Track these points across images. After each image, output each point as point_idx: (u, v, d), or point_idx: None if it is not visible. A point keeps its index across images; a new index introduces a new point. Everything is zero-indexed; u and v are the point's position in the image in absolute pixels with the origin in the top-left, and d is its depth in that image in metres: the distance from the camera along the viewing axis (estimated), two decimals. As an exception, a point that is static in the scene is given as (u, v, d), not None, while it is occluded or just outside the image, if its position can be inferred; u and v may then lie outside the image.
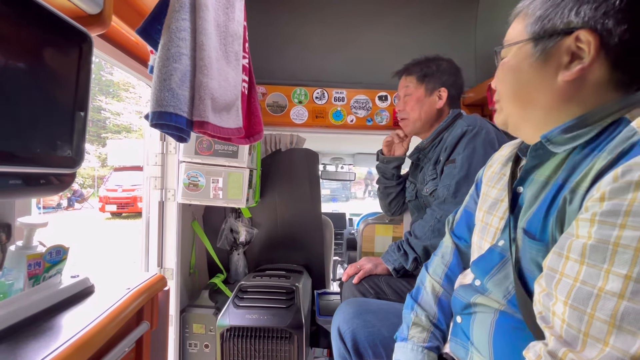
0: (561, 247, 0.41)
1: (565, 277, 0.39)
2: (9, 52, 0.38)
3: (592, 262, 0.37)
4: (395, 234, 1.78)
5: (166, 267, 1.24)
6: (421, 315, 0.67)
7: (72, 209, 10.73)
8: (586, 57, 0.45)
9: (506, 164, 0.63)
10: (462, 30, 1.58)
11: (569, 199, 0.43)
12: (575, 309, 0.37)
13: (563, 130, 0.47)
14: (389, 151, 1.37)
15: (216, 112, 0.70)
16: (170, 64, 0.61)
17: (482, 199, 0.65)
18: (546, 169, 0.50)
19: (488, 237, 0.58)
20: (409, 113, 1.21)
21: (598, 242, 0.36)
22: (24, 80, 0.40)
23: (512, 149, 0.65)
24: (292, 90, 1.51)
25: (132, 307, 0.55)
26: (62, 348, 0.40)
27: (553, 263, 0.41)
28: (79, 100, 0.48)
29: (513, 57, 0.52)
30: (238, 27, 0.78)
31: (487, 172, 0.68)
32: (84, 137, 0.50)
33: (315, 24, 1.56)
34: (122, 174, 9.78)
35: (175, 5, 0.63)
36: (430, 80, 1.18)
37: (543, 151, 0.49)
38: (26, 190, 0.41)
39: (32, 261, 0.47)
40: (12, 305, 0.42)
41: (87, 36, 0.49)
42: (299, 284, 1.26)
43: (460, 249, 0.72)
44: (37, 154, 0.42)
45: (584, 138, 0.45)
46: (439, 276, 0.71)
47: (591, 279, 0.36)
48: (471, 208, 0.72)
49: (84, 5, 0.55)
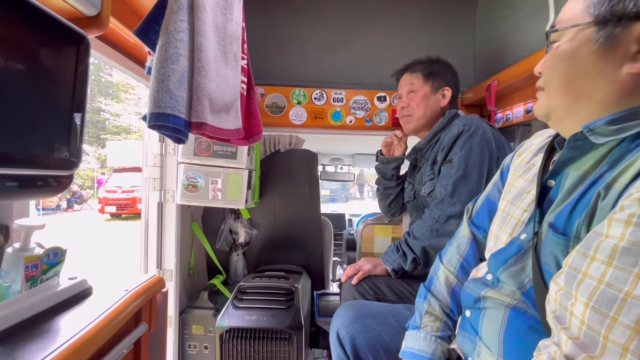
0: (587, 247, 0.39)
1: (588, 277, 0.37)
2: (5, 53, 0.38)
3: (621, 265, 0.35)
4: (394, 235, 1.78)
5: (165, 269, 1.24)
6: (434, 305, 0.66)
7: (71, 210, 10.72)
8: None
9: (537, 154, 0.59)
10: (460, 31, 1.59)
11: (603, 194, 0.41)
12: (596, 311, 0.35)
13: (609, 122, 0.43)
14: (388, 152, 1.37)
15: (214, 114, 0.70)
16: (168, 65, 0.61)
17: (507, 188, 0.62)
18: (584, 163, 0.46)
19: (508, 227, 0.56)
20: (414, 109, 1.20)
21: (632, 245, 0.35)
22: (21, 82, 0.40)
23: (545, 137, 0.61)
24: (291, 91, 1.51)
25: (130, 308, 0.55)
26: (59, 350, 0.40)
27: (576, 262, 0.39)
28: (76, 102, 0.48)
29: (569, 41, 0.46)
30: (236, 28, 0.78)
31: (516, 160, 0.64)
32: (82, 138, 0.50)
33: (314, 25, 1.56)
34: (121, 175, 9.77)
35: (173, 7, 0.63)
36: (435, 79, 1.19)
37: (583, 142, 0.45)
38: (23, 193, 0.41)
39: (29, 263, 0.47)
40: (9, 307, 0.42)
41: (84, 38, 0.49)
42: (299, 284, 1.26)
43: (477, 239, 0.69)
44: (34, 156, 0.42)
45: (631, 131, 0.42)
46: (453, 266, 0.69)
47: (618, 282, 0.35)
48: (494, 197, 0.68)
49: (81, 7, 0.55)
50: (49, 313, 0.47)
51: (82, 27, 0.55)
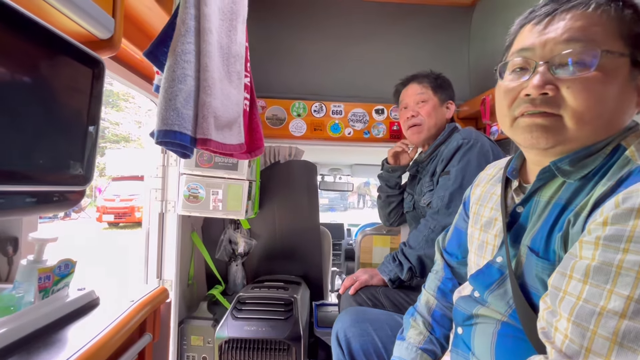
0: (565, 267, 0.42)
1: (568, 295, 0.40)
2: (31, 79, 0.41)
3: (595, 282, 0.38)
4: (392, 245, 1.80)
5: (165, 279, 1.25)
6: (419, 321, 0.72)
7: (68, 218, 10.64)
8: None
9: (495, 184, 0.65)
10: (456, 46, 1.64)
11: (572, 221, 0.45)
12: (578, 325, 0.38)
13: (572, 161, 0.47)
14: (396, 161, 1.38)
15: (219, 130, 0.73)
16: (175, 85, 0.64)
17: (473, 218, 0.67)
18: (549, 190, 0.51)
19: (486, 254, 0.60)
20: (425, 119, 1.19)
21: (602, 264, 0.38)
22: (43, 105, 0.43)
23: (497, 169, 0.68)
24: (291, 103, 1.55)
25: (135, 319, 0.57)
26: (72, 359, 0.41)
27: (557, 282, 0.43)
28: (91, 122, 0.51)
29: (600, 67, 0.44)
30: (240, 48, 0.82)
31: (475, 190, 0.70)
32: (94, 155, 0.52)
33: (314, 40, 1.61)
34: (120, 184, 9.74)
35: (181, 30, 0.67)
36: (442, 92, 1.22)
37: (550, 174, 0.50)
38: (40, 208, 0.44)
39: (42, 275, 0.49)
40: (23, 317, 0.44)
41: (100, 62, 0.52)
42: (297, 295, 1.27)
43: (451, 264, 0.75)
44: (51, 173, 0.45)
45: (591, 167, 0.46)
46: (432, 290, 0.75)
47: (594, 298, 0.38)
48: (461, 226, 0.74)
49: (96, 31, 0.58)
50: (59, 323, 0.49)
51: (97, 49, 0.59)
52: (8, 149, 0.37)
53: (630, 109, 0.47)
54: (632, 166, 0.42)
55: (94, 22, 0.56)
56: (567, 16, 0.46)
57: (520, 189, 0.58)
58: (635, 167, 0.41)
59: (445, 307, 0.71)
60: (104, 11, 0.58)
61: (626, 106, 0.46)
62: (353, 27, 1.61)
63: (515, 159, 0.61)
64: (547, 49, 0.47)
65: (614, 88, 0.44)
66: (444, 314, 0.71)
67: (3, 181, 0.36)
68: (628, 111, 0.47)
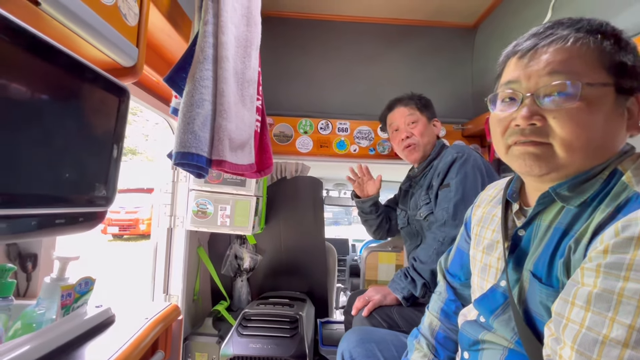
0: (567, 294, 0.43)
1: (571, 322, 0.41)
2: (67, 108, 0.45)
3: (597, 310, 0.39)
4: (398, 262, 1.80)
5: (171, 294, 1.26)
6: (422, 343, 0.72)
7: (73, 229, 10.66)
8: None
9: (496, 206, 0.65)
10: (459, 66, 1.68)
11: (574, 248, 0.45)
12: (581, 354, 0.39)
13: (571, 186, 0.48)
14: (361, 192, 1.43)
15: (232, 151, 0.76)
16: (193, 109, 0.68)
17: (475, 239, 0.67)
18: (549, 214, 0.52)
19: (490, 277, 0.60)
20: (419, 139, 1.23)
21: (603, 292, 0.39)
22: (75, 132, 0.47)
23: (497, 190, 0.68)
24: (298, 121, 1.59)
25: (150, 337, 0.58)
26: (91, 377, 0.43)
27: (560, 308, 0.43)
28: (116, 145, 0.54)
29: (586, 95, 0.45)
30: (253, 73, 0.86)
31: (476, 212, 0.70)
32: (117, 177, 0.55)
33: (321, 61, 1.66)
34: (125, 196, 9.80)
35: (200, 57, 0.71)
36: (427, 111, 1.27)
37: (549, 199, 0.51)
38: (67, 228, 0.46)
39: (64, 292, 0.51)
40: (47, 334, 0.46)
41: (126, 91, 0.56)
42: (303, 312, 1.27)
43: (454, 286, 0.75)
44: (79, 195, 0.47)
45: (589, 192, 0.47)
46: (436, 311, 0.75)
47: (596, 326, 0.38)
48: (463, 247, 0.75)
49: (121, 60, 0.62)
50: (79, 340, 0.50)
51: (119, 76, 0.62)
52: (49, 174, 0.40)
53: (621, 133, 0.48)
54: (629, 193, 0.43)
55: (119, 52, 0.60)
56: (549, 50, 0.47)
57: (521, 212, 0.58)
58: (633, 194, 0.42)
59: (448, 329, 0.71)
60: (129, 42, 0.62)
61: (616, 131, 0.47)
62: (359, 48, 1.67)
63: (515, 181, 0.61)
64: (532, 81, 0.49)
65: (600, 116, 0.45)
66: (448, 336, 0.71)
67: (44, 204, 0.38)
68: (619, 136, 0.47)
